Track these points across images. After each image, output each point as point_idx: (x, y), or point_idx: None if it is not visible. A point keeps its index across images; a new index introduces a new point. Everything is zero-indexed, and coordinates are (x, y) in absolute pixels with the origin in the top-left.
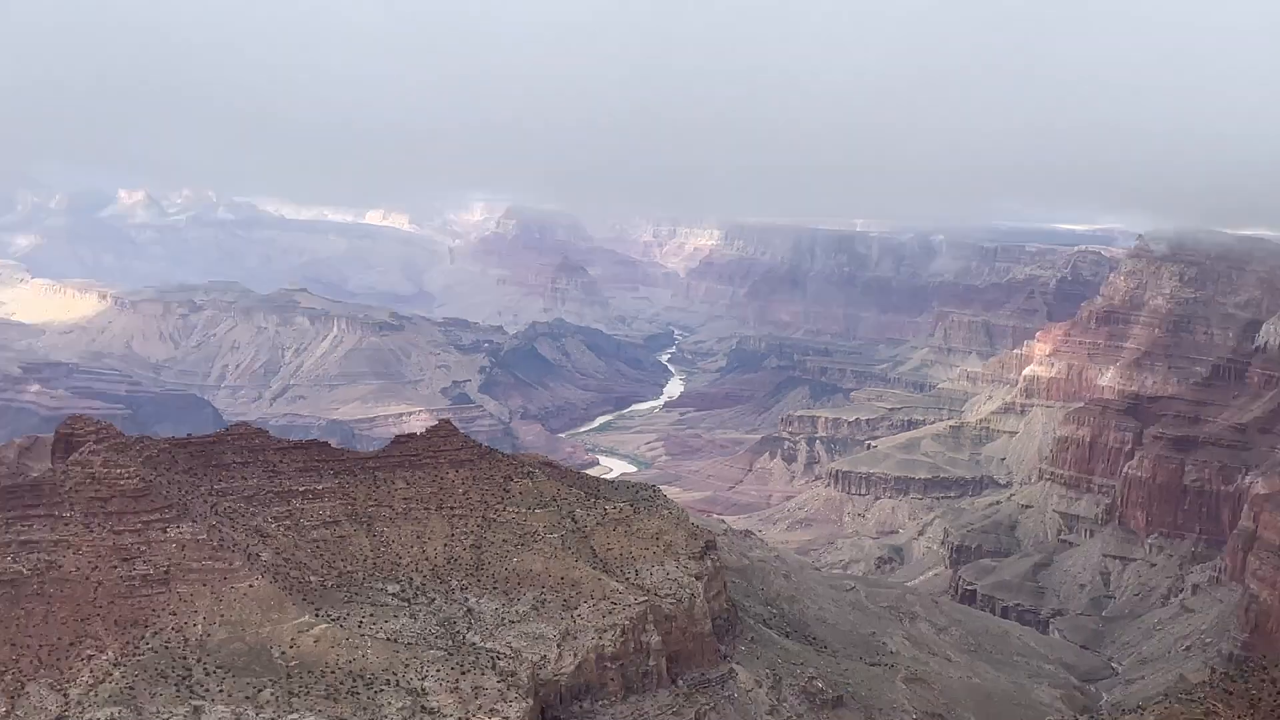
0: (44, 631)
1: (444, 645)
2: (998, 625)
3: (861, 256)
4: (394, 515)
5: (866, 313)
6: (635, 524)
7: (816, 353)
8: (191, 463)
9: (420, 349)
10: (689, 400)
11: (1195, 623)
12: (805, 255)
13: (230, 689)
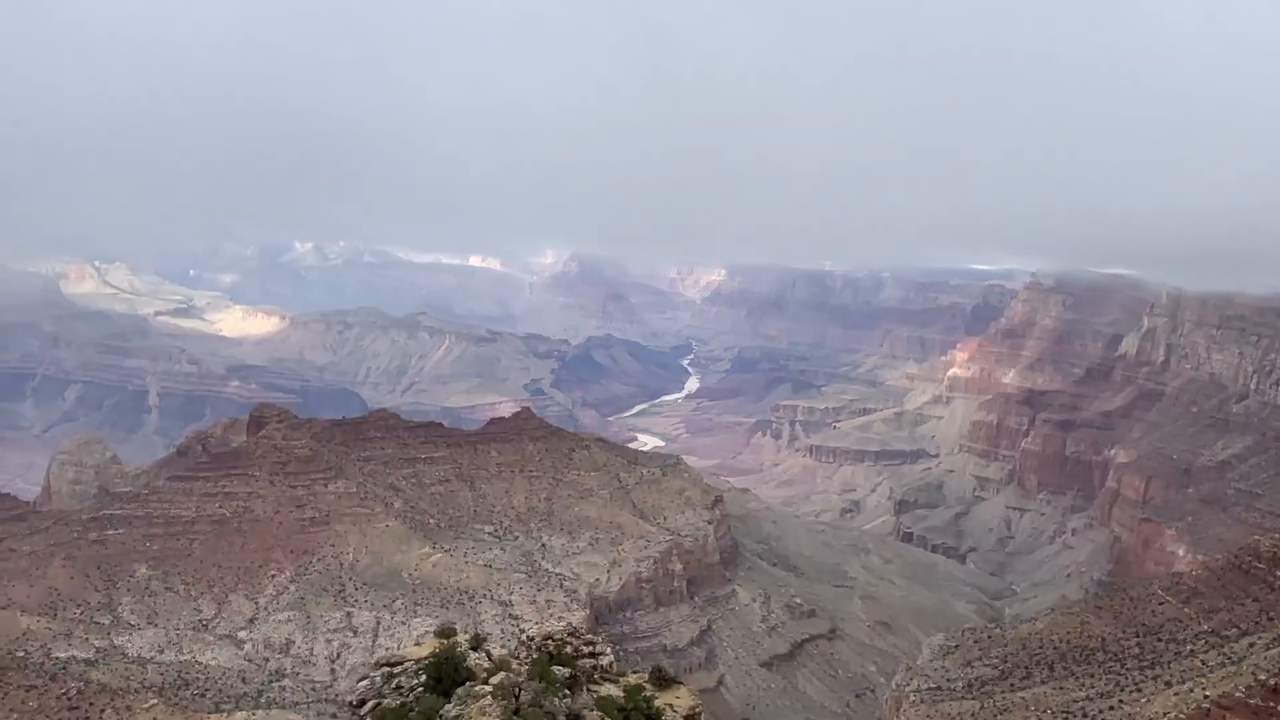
0: (241, 557)
1: (524, 570)
2: (929, 558)
3: (829, 288)
4: (489, 475)
5: (832, 330)
6: (663, 483)
7: (796, 359)
8: (345, 437)
9: (507, 355)
10: (703, 393)
11: (1074, 557)
12: (788, 287)
13: (372, 600)
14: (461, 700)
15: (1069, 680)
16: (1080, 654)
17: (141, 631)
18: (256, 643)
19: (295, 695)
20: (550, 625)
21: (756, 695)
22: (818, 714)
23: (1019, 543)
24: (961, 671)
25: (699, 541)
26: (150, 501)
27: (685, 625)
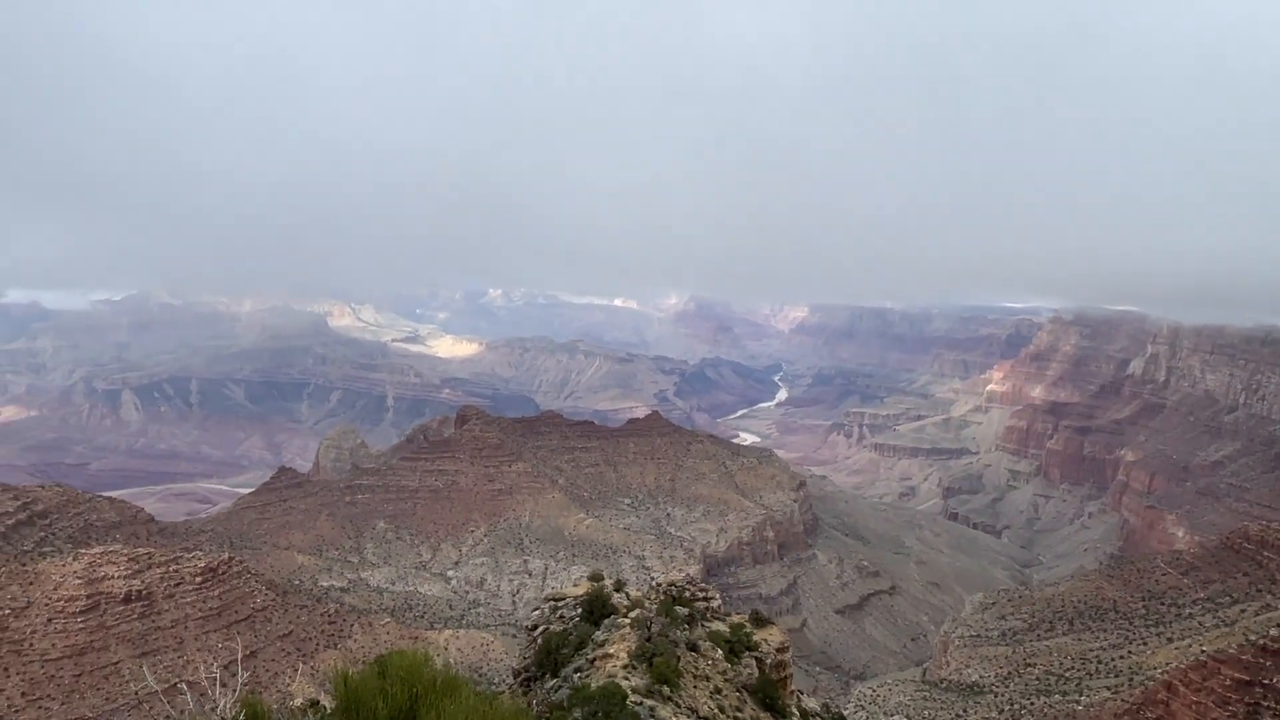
0: (449, 517)
1: (653, 533)
2: (970, 533)
3: (889, 321)
4: (627, 461)
5: (892, 353)
6: (759, 470)
7: (863, 376)
8: (523, 430)
9: (641, 372)
10: (790, 402)
11: (1089, 535)
12: (857, 320)
13: (542, 551)
14: (607, 629)
15: (1085, 633)
16: (1095, 612)
17: (379, 569)
18: (459, 580)
19: (486, 619)
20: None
21: (831, 635)
22: (880, 652)
23: (1044, 523)
24: (997, 623)
25: (787, 515)
26: (387, 475)
27: (776, 579)
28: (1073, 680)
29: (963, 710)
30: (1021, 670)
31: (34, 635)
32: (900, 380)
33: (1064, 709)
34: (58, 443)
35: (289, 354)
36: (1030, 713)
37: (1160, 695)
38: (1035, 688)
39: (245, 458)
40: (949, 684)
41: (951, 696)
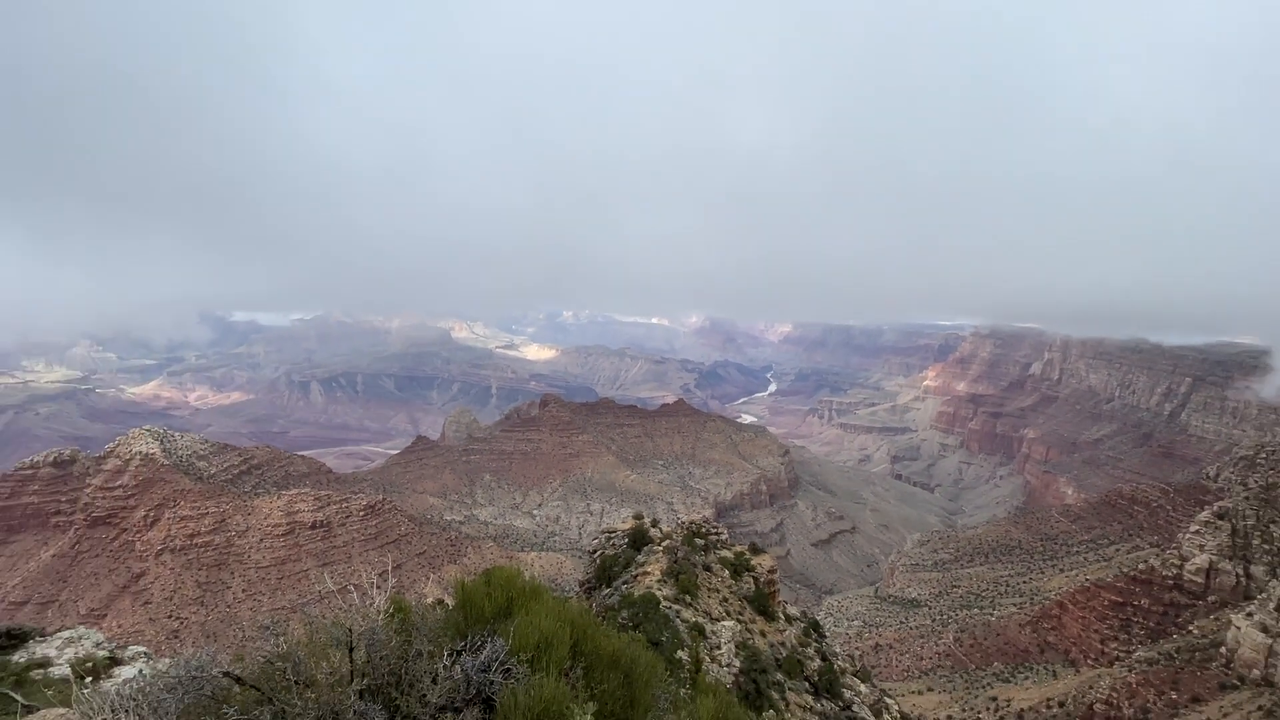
0: (533, 473)
1: (679, 485)
2: (911, 490)
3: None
4: (661, 434)
5: (854, 358)
6: (756, 441)
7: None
8: (587, 412)
9: (671, 370)
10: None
11: (1000, 493)
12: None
13: (600, 498)
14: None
15: (997, 564)
16: (1004, 549)
17: (486, 508)
18: (541, 517)
19: (560, 545)
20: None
21: (808, 562)
22: (844, 575)
23: (966, 483)
24: (931, 555)
25: (775, 474)
26: (491, 442)
27: (767, 520)
28: (988, 598)
29: (905, 618)
30: (949, 590)
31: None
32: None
33: (981, 619)
34: (267, 417)
35: (424, 357)
36: (955, 621)
37: (1054, 611)
38: (959, 603)
39: (393, 429)
40: (895, 599)
41: (896, 608)
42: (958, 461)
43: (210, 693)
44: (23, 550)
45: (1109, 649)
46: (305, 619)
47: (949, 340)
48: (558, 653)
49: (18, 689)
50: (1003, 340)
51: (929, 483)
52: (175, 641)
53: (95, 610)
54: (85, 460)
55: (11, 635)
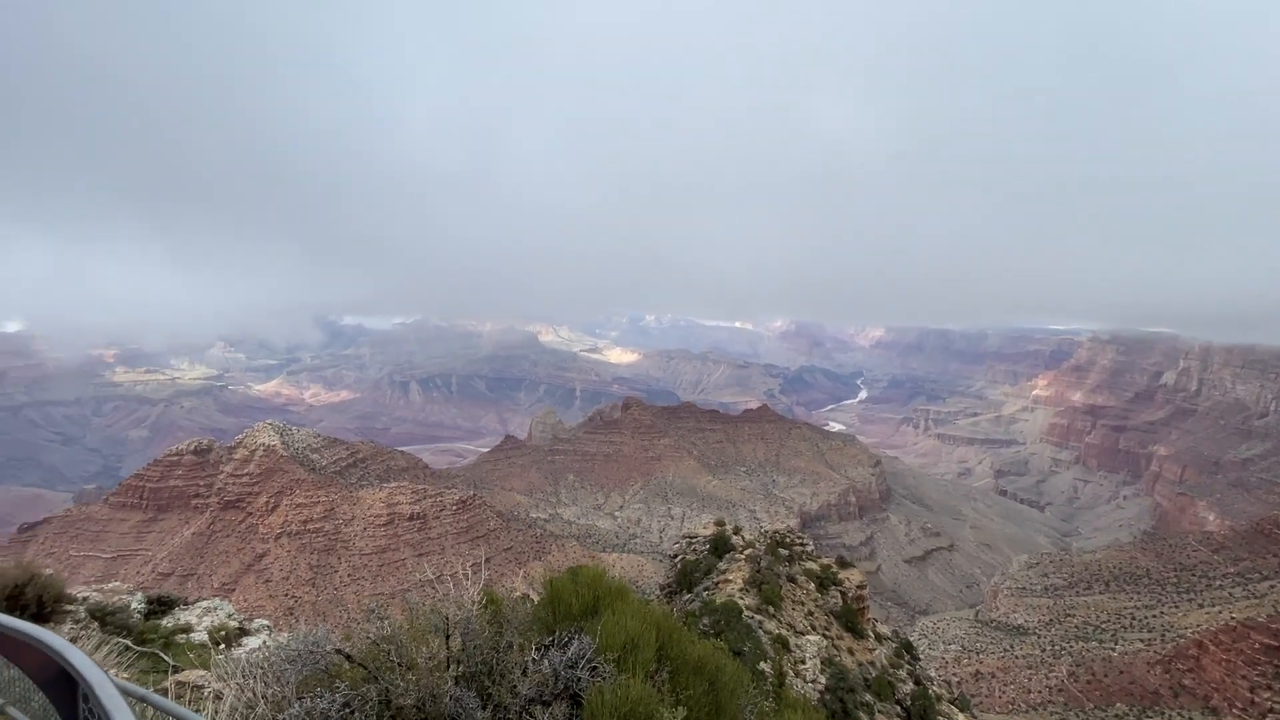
0: (615, 474)
1: (763, 493)
2: (1018, 507)
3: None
4: (744, 440)
5: (952, 364)
6: (844, 450)
7: (929, 382)
8: (669, 416)
9: (755, 375)
10: (868, 400)
11: (1124, 514)
12: (924, 337)
13: (681, 502)
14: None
15: (1120, 594)
16: (1129, 578)
17: (569, 508)
18: (623, 519)
19: (641, 548)
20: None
21: (900, 579)
22: (939, 595)
23: (1083, 502)
24: (1040, 579)
25: (865, 484)
26: (575, 443)
27: (856, 533)
28: (1108, 631)
29: (1009, 645)
30: (1062, 619)
31: (355, 538)
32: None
33: (1100, 654)
34: (371, 414)
35: (513, 359)
36: (1069, 654)
37: (1191, 651)
38: (1074, 634)
39: (484, 428)
40: (997, 624)
41: (1000, 634)
42: (1072, 479)
43: (324, 667)
44: (169, 527)
45: (1260, 699)
46: (406, 605)
47: (1062, 346)
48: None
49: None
50: (1127, 346)
51: (1038, 500)
52: (290, 618)
53: (225, 584)
54: (219, 450)
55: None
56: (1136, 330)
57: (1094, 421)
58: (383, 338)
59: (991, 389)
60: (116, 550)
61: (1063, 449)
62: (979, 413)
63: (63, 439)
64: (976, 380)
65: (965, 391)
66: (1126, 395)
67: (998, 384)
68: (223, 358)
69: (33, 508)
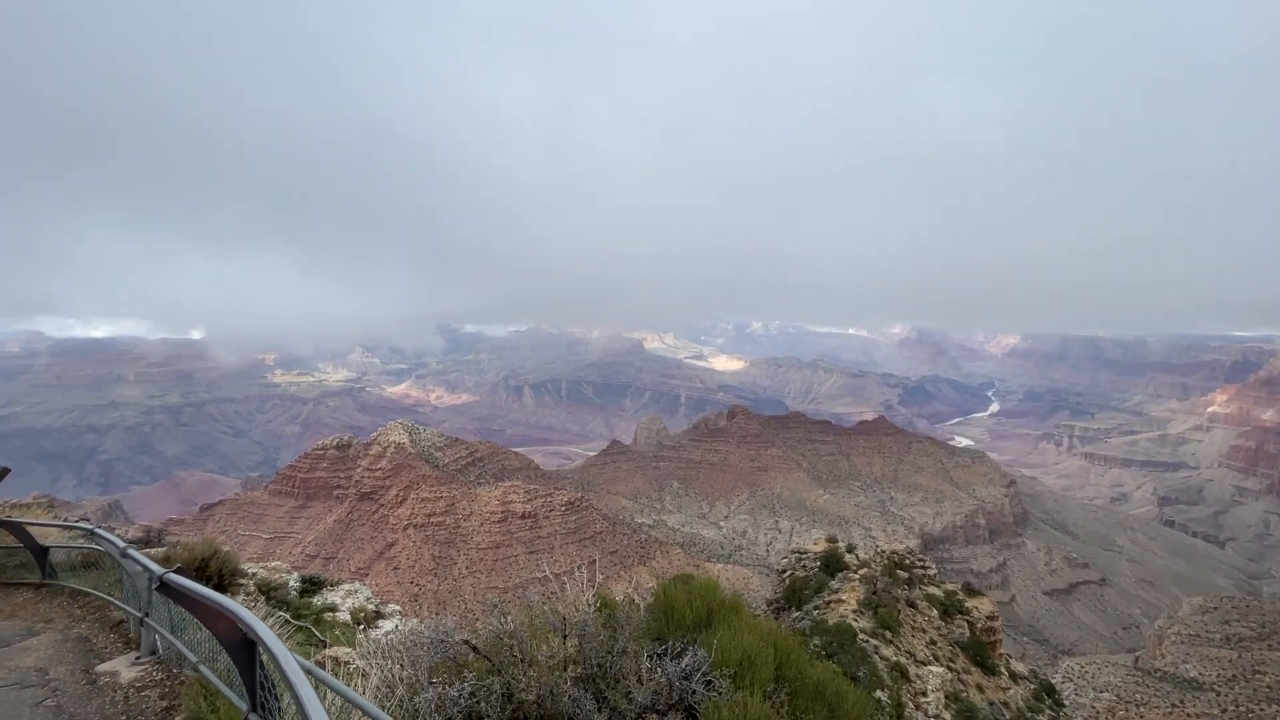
0: (722, 483)
1: (879, 510)
2: (1189, 541)
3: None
4: (858, 453)
5: (1104, 375)
6: (973, 467)
7: (1074, 395)
8: (777, 425)
9: (870, 385)
10: (1001, 414)
11: None
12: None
13: (789, 515)
14: (840, 580)
15: None
16: None
17: (673, 515)
18: (728, 529)
19: (747, 559)
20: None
21: (1039, 613)
22: (1088, 634)
23: (1276, 539)
24: (1220, 627)
25: (997, 506)
26: (680, 450)
27: (986, 558)
28: None
29: (1179, 700)
30: (1249, 675)
31: (472, 533)
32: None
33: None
34: (489, 416)
35: (619, 366)
36: (1258, 717)
37: None
38: (1266, 695)
39: (591, 432)
40: (1163, 674)
41: (1167, 686)
42: (1263, 511)
43: (452, 656)
44: (315, 514)
45: None
46: (525, 603)
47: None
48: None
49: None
50: None
51: (1216, 535)
52: (416, 605)
53: (360, 569)
54: (357, 446)
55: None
56: None
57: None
58: (499, 344)
59: (1153, 404)
60: (274, 532)
61: (1249, 476)
62: (1137, 430)
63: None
64: (1134, 394)
65: (1119, 406)
66: None
67: (1161, 398)
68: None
69: (211, 490)
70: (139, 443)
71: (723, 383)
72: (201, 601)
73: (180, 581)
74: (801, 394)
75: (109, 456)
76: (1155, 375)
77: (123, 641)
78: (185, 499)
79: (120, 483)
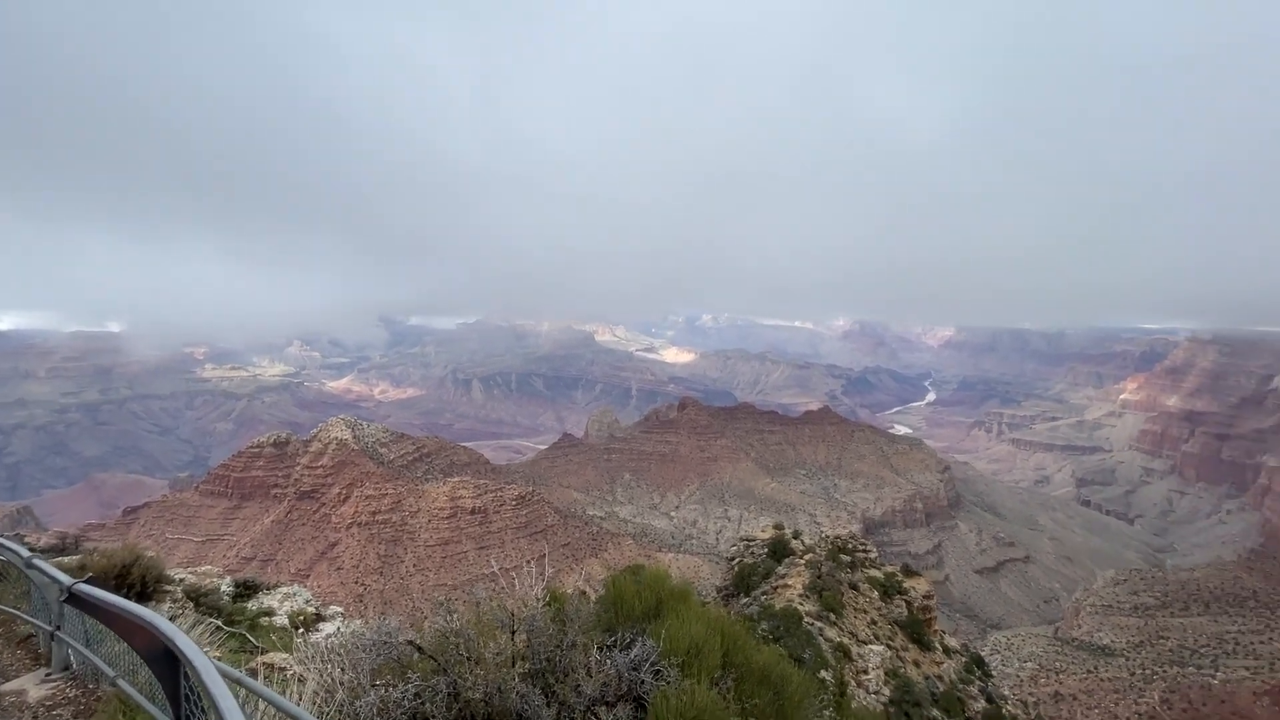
0: (670, 474)
1: (823, 497)
2: (1103, 519)
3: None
4: (804, 442)
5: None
6: (911, 454)
7: (1002, 384)
8: (726, 416)
9: (815, 376)
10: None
11: (1228, 530)
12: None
13: (738, 504)
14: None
15: (1222, 616)
16: (1233, 599)
17: (625, 506)
18: (679, 519)
19: (697, 549)
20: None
21: (970, 590)
22: (1013, 609)
23: (1179, 516)
24: (1129, 597)
25: (933, 490)
26: (631, 442)
27: (923, 540)
28: (1207, 656)
29: (1094, 667)
30: (1154, 640)
31: (420, 530)
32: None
33: (1198, 681)
34: (436, 410)
35: (570, 358)
36: (1163, 678)
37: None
38: (1168, 658)
39: (542, 425)
40: (1080, 643)
41: (1083, 654)
42: (1166, 490)
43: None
44: (251, 515)
45: None
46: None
47: (1155, 346)
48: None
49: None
50: (1232, 347)
51: (1127, 513)
52: (360, 605)
53: (301, 571)
54: (296, 443)
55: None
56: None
57: (1192, 429)
58: (446, 337)
59: (1073, 392)
60: (206, 534)
61: (1155, 458)
62: (1058, 417)
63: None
64: (1056, 382)
65: (1043, 394)
66: (1230, 400)
67: (1080, 387)
68: (299, 356)
69: (135, 492)
70: (51, 443)
71: (673, 375)
72: (116, 613)
73: (91, 592)
74: (750, 385)
75: (17, 459)
76: (1074, 365)
77: (31, 658)
78: (106, 502)
79: (30, 487)
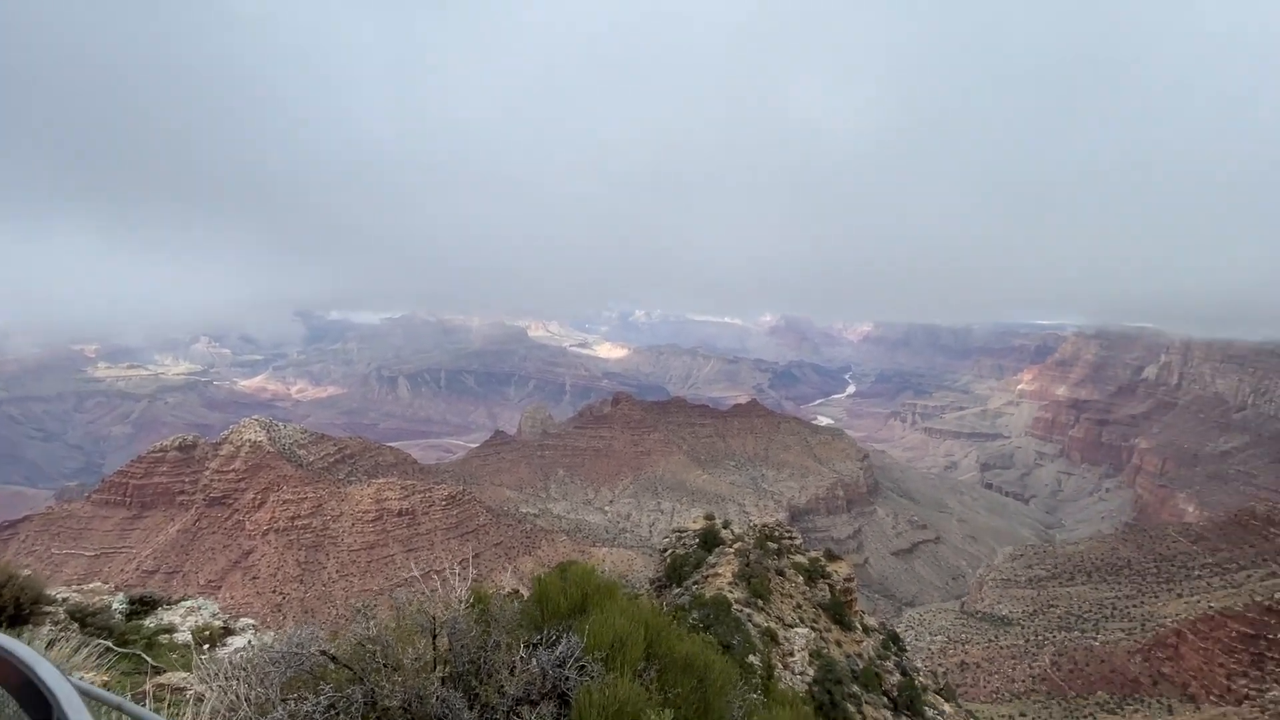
0: (605, 469)
1: (752, 487)
2: (1002, 500)
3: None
4: (733, 434)
5: (939, 359)
6: (833, 444)
7: (916, 376)
8: (658, 411)
9: (744, 370)
10: (857, 395)
11: (1106, 506)
12: (912, 333)
13: (671, 496)
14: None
15: (1102, 584)
16: (1111, 568)
17: (559, 502)
18: (613, 513)
19: (631, 542)
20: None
21: (888, 571)
22: (926, 587)
23: (1066, 495)
24: (1025, 571)
25: (853, 478)
26: (565, 438)
27: (844, 526)
28: (1090, 621)
29: (995, 636)
30: (1045, 609)
31: (343, 534)
32: (946, 379)
33: (1082, 643)
34: (359, 409)
35: (502, 354)
36: (1052, 643)
37: (1170, 640)
38: (1057, 624)
39: (473, 423)
40: (983, 615)
41: (985, 625)
42: (1056, 471)
43: (309, 668)
44: (154, 524)
45: (1237, 686)
46: (393, 604)
47: (1047, 341)
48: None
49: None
50: (1110, 341)
51: (1023, 493)
52: (279, 615)
53: (212, 582)
54: (204, 446)
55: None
56: (1119, 325)
57: (1077, 415)
58: (369, 333)
59: (978, 383)
60: (99, 548)
61: (1047, 442)
62: (965, 407)
63: (43, 435)
64: (963, 375)
65: (952, 386)
66: (1109, 389)
67: (984, 378)
68: (207, 353)
69: (13, 504)
70: None
71: (607, 370)
72: None
73: None
74: (682, 380)
75: None
76: (979, 358)
77: None
78: None
79: None
